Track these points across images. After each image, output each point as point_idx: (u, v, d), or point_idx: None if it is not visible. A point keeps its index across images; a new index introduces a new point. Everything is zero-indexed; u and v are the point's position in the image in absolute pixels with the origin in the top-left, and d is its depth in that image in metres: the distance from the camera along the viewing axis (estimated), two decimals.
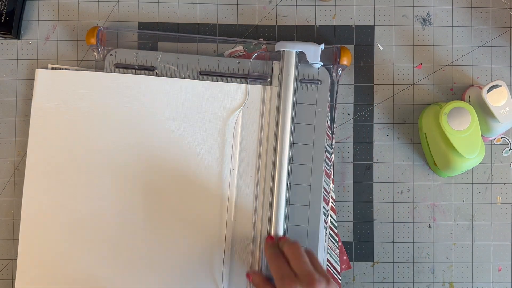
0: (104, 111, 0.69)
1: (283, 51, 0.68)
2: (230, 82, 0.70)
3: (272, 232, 0.66)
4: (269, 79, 0.70)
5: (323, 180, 0.68)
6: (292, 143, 0.68)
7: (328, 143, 0.69)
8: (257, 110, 0.69)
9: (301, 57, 0.69)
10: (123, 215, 0.68)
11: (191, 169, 0.69)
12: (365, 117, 0.72)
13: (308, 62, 0.68)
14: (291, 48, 0.68)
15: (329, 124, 0.70)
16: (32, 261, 0.68)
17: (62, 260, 0.68)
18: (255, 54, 0.70)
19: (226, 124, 0.69)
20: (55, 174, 0.68)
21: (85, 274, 0.68)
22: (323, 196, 0.68)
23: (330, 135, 0.70)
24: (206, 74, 0.70)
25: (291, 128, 0.67)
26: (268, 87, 0.70)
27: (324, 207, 0.68)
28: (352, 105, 0.72)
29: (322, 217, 0.68)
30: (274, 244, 0.63)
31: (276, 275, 0.58)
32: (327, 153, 0.69)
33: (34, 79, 0.71)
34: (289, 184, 0.68)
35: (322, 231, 0.68)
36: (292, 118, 0.68)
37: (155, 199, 0.69)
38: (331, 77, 0.69)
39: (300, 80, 0.69)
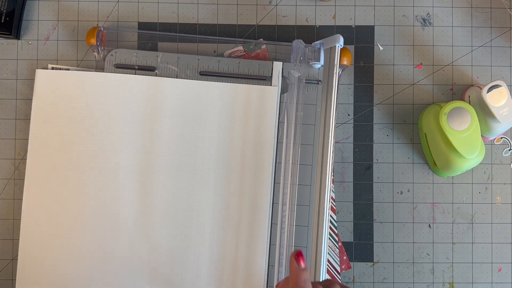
0: (104, 112, 0.69)
1: (331, 47, 0.67)
2: (230, 82, 0.70)
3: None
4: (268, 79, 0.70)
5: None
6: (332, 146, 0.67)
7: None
8: (257, 110, 0.69)
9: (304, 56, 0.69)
10: (123, 214, 0.68)
11: (191, 169, 0.69)
12: (365, 117, 0.72)
13: (309, 62, 0.69)
14: (338, 43, 0.66)
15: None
16: (32, 261, 0.68)
17: (62, 260, 0.68)
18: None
19: (226, 124, 0.69)
20: (55, 174, 0.68)
21: (85, 274, 0.68)
22: None
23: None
24: (206, 74, 0.70)
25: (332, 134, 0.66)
26: (268, 87, 0.70)
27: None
28: (352, 105, 0.72)
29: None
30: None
31: None
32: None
33: (34, 79, 0.71)
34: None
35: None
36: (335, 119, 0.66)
37: (154, 199, 0.69)
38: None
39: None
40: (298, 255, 0.52)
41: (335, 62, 0.66)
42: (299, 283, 0.51)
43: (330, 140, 0.65)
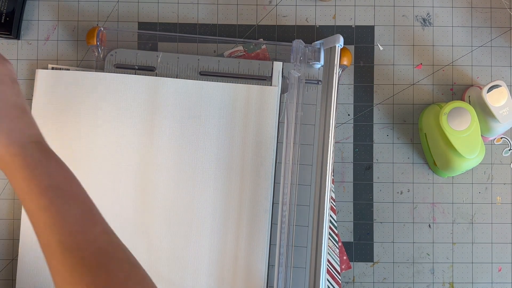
0: (104, 112, 0.69)
1: (331, 47, 0.67)
2: (230, 82, 0.70)
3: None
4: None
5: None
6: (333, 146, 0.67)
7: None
8: (257, 110, 0.69)
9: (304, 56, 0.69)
10: (123, 214, 0.68)
11: (191, 169, 0.69)
12: (365, 117, 0.72)
13: (309, 62, 0.69)
14: (338, 43, 0.66)
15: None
16: (32, 261, 0.68)
17: None
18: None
19: (226, 124, 0.69)
20: None
21: None
22: None
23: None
24: (206, 74, 0.70)
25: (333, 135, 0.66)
26: (268, 87, 0.70)
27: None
28: (352, 105, 0.72)
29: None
30: None
31: None
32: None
33: (34, 79, 0.71)
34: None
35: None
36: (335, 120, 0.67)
37: (153, 199, 0.69)
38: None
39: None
40: None
41: (335, 62, 0.66)
42: None
43: (330, 140, 0.65)
